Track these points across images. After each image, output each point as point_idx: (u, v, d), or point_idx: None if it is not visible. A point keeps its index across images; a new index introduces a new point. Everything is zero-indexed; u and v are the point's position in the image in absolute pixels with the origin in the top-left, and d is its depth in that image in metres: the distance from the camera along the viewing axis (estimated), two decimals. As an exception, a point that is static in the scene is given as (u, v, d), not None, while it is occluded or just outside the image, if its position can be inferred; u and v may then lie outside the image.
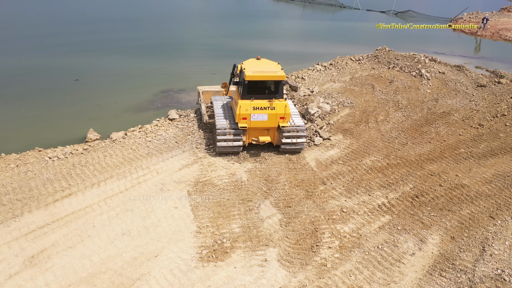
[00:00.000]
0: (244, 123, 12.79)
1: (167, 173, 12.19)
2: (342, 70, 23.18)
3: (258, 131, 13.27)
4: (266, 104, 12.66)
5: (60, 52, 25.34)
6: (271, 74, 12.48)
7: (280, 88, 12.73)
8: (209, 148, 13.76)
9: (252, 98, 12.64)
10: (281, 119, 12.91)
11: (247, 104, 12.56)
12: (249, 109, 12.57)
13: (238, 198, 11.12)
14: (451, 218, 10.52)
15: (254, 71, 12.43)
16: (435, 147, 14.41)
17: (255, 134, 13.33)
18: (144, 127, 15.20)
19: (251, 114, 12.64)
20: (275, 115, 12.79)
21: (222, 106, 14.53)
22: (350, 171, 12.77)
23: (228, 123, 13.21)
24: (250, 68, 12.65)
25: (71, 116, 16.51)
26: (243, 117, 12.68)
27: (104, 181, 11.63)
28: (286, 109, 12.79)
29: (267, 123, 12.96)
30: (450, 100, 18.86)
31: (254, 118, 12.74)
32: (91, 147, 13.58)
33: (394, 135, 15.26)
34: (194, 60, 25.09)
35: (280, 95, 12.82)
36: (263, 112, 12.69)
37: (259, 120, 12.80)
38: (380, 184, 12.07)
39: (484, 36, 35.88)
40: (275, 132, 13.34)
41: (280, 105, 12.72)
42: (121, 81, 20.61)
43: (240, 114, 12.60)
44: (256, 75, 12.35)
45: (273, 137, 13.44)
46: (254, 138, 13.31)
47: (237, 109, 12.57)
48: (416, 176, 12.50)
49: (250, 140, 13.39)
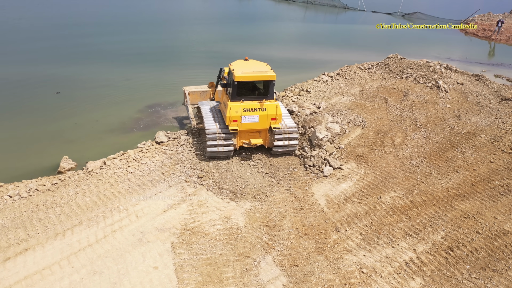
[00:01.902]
0: (234, 125, 12.27)
1: (148, 217, 10.15)
2: (350, 80, 21.11)
3: (249, 134, 12.76)
4: (256, 105, 12.22)
5: (42, 59, 23.23)
6: (261, 74, 12.03)
7: (271, 89, 12.28)
8: (200, 182, 11.72)
9: (242, 99, 12.13)
10: (272, 121, 12.48)
11: (237, 106, 12.06)
12: (240, 111, 12.08)
13: (233, 253, 9.08)
14: (498, 282, 8.47)
15: (244, 71, 11.92)
16: (465, 178, 12.35)
17: (246, 137, 12.79)
18: (126, 154, 13.17)
19: (241, 116, 12.15)
20: (266, 116, 12.34)
21: (211, 109, 13.67)
22: (367, 212, 10.72)
23: (218, 127, 12.61)
24: (239, 68, 12.11)
25: (44, 138, 14.46)
26: (234, 120, 12.15)
27: (71, 230, 9.59)
28: (278, 110, 12.35)
29: (259, 125, 12.49)
30: (473, 117, 16.80)
31: (245, 120, 12.25)
32: (61, 181, 11.54)
33: (415, 163, 13.20)
34: (189, 69, 22.97)
35: (270, 96, 12.36)
36: (254, 113, 12.23)
37: (250, 122, 12.34)
38: (405, 230, 10.02)
39: (499, 40, 33.73)
40: (266, 134, 12.89)
41: (271, 106, 12.29)
42: (106, 94, 18.53)
43: (230, 117, 12.06)
44: (246, 75, 11.84)
45: (264, 139, 12.96)
46: (246, 141, 12.74)
47: (227, 112, 12.03)
48: (447, 219, 10.45)
49: (241, 143, 12.79)
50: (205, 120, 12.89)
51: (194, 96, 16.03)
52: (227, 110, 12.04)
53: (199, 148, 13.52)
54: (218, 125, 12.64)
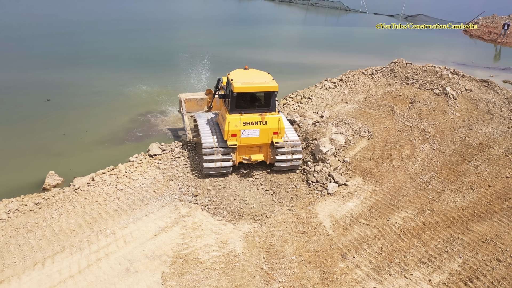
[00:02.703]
0: (233, 140, 11.36)
1: (137, 242, 9.28)
2: (354, 87, 20.26)
3: (249, 149, 11.86)
4: (257, 118, 11.34)
5: (32, 64, 22.38)
6: (262, 85, 11.13)
7: (272, 100, 11.40)
8: (195, 201, 10.86)
9: (241, 112, 11.24)
10: (274, 135, 11.58)
11: (236, 119, 11.16)
12: (239, 125, 11.20)
13: (230, 285, 8.21)
14: (525, 319, 7.62)
15: (243, 82, 11.04)
16: (480, 196, 11.49)
17: (246, 152, 11.89)
18: (116, 168, 12.31)
19: (241, 130, 11.25)
20: (267, 130, 11.45)
21: (208, 121, 12.80)
22: (376, 235, 9.85)
23: (215, 141, 11.70)
24: (238, 79, 11.22)
25: (29, 150, 13.62)
26: (233, 134, 11.25)
27: (52, 258, 8.72)
28: (280, 123, 11.49)
29: (259, 140, 11.58)
30: (484, 126, 15.94)
31: (245, 135, 11.36)
32: (44, 201, 10.67)
33: (426, 178, 12.33)
34: (185, 74, 22.13)
35: (272, 108, 11.49)
36: (255, 127, 11.34)
37: (251, 137, 11.43)
38: (419, 257, 9.15)
39: (505, 43, 32.87)
40: (267, 149, 11.98)
41: (273, 119, 11.42)
42: (97, 102, 17.67)
43: (229, 131, 11.17)
44: (246, 86, 10.95)
45: (266, 154, 12.05)
46: (245, 156, 11.82)
47: (225, 125, 11.14)
48: (464, 243, 9.58)
49: (240, 159, 11.88)
50: (201, 133, 12.04)
51: (190, 104, 15.16)
52: (225, 124, 11.14)
53: (195, 162, 12.67)
54: (215, 139, 11.74)
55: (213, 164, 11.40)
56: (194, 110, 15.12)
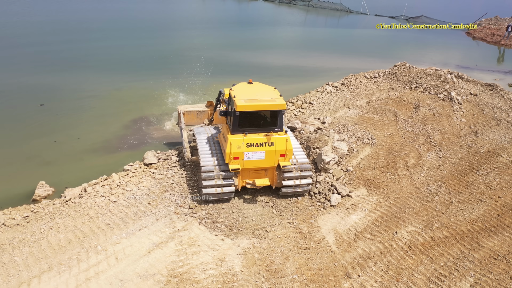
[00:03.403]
0: (236, 164, 10.23)
1: (130, 260, 8.77)
2: (356, 91, 19.76)
3: (253, 172, 10.70)
4: (262, 139, 10.19)
5: (26, 67, 21.86)
6: (268, 103, 9.99)
7: (279, 119, 10.30)
8: (192, 213, 10.35)
9: (245, 132, 10.11)
10: (281, 157, 10.42)
11: (239, 141, 10.03)
12: (242, 147, 10.06)
13: (227, 308, 7.72)
14: None
15: (247, 99, 9.94)
16: (490, 208, 10.97)
17: (250, 176, 10.74)
18: (110, 178, 11.80)
19: (244, 152, 10.12)
20: (274, 152, 10.30)
21: (207, 140, 11.82)
22: (382, 251, 9.34)
23: (216, 163, 10.61)
24: (241, 95, 10.11)
25: (19, 159, 13.10)
26: (235, 157, 10.13)
27: (39, 277, 8.21)
28: (288, 144, 10.33)
29: (265, 163, 10.43)
30: (492, 133, 15.43)
31: (249, 157, 10.21)
32: (33, 214, 10.16)
33: (432, 189, 11.82)
34: (183, 77, 21.64)
35: (279, 127, 10.37)
36: (260, 149, 10.19)
37: (255, 160, 10.29)
38: (427, 276, 8.64)
39: (509, 45, 32.39)
40: (273, 172, 10.79)
41: (280, 140, 10.26)
42: (91, 107, 17.15)
43: (230, 153, 10.04)
44: (250, 104, 9.84)
45: (271, 178, 10.87)
46: (249, 181, 10.69)
47: (227, 147, 10.00)
48: (475, 260, 9.07)
49: (243, 183, 10.78)
50: (200, 154, 11.01)
51: (190, 117, 13.91)
52: (227, 145, 10.02)
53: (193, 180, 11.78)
54: (216, 161, 10.66)
55: (213, 190, 10.35)
56: (194, 123, 14.00)
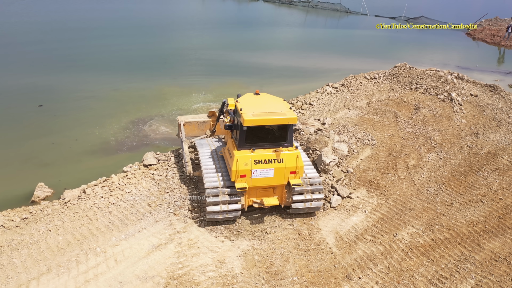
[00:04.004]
0: (242, 182, 9.44)
1: (129, 262, 8.72)
2: (356, 92, 19.73)
3: (260, 190, 9.93)
4: (271, 155, 9.44)
5: (25, 68, 21.85)
6: (277, 117, 9.25)
7: (289, 133, 9.60)
8: (192, 215, 10.30)
9: (252, 148, 9.44)
10: (291, 174, 9.67)
11: (246, 157, 9.30)
12: (249, 164, 9.31)
13: (227, 310, 7.67)
14: None
15: (255, 113, 9.20)
16: (491, 209, 10.93)
17: (257, 194, 9.97)
18: (109, 180, 11.75)
19: (251, 170, 9.35)
20: (283, 169, 9.55)
21: (211, 154, 11.09)
22: (383, 253, 9.30)
23: (220, 180, 9.85)
24: (248, 108, 9.38)
25: (17, 160, 13.06)
26: (242, 175, 9.35)
27: (37, 279, 8.16)
28: (299, 161, 9.60)
29: (274, 181, 9.66)
30: (492, 134, 15.39)
31: (256, 175, 9.42)
32: (32, 216, 10.11)
33: (433, 190, 11.79)
34: (182, 78, 21.62)
35: (289, 143, 9.66)
36: (268, 166, 9.42)
37: (263, 177, 9.52)
38: (428, 278, 8.60)
39: (509, 46, 32.39)
40: (282, 189, 10.02)
41: (290, 156, 9.55)
42: (89, 108, 17.12)
43: (237, 171, 9.27)
44: (258, 119, 9.10)
45: (280, 196, 10.10)
46: (256, 200, 9.96)
47: (233, 164, 9.25)
48: (476, 262, 9.03)
49: (250, 202, 10.02)
50: (203, 170, 10.26)
51: (190, 128, 13.12)
52: (233, 162, 9.27)
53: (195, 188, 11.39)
54: (221, 178, 9.91)
55: (218, 208, 9.54)
56: (195, 134, 13.31)
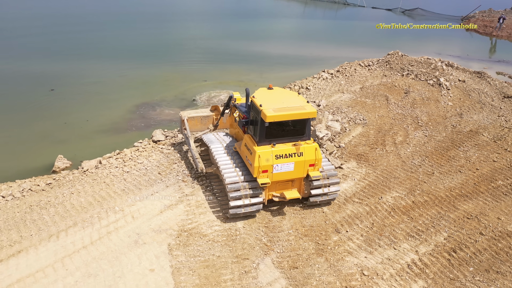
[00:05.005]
0: (264, 178, 9.62)
1: (145, 218, 9.92)
2: (350, 78, 20.85)
3: (279, 184, 10.19)
4: (291, 149, 9.67)
5: (38, 55, 22.98)
6: (298, 111, 9.44)
7: (308, 127, 9.91)
8: (199, 181, 11.48)
9: (272, 143, 9.63)
10: (310, 167, 9.97)
11: (267, 153, 9.47)
12: (271, 159, 9.49)
13: (231, 255, 8.87)
14: (502, 284, 8.28)
15: (276, 108, 9.32)
16: (467, 178, 12.14)
17: (276, 188, 10.21)
18: (122, 153, 12.93)
19: (273, 165, 9.53)
20: (303, 162, 9.79)
21: (225, 150, 11.08)
22: (368, 212, 10.51)
23: (240, 175, 9.96)
24: (268, 104, 9.45)
25: (34, 138, 14.20)
26: (264, 170, 9.55)
27: (65, 231, 9.37)
28: (317, 153, 9.89)
29: (294, 174, 9.92)
30: (476, 115, 16.56)
31: (277, 170, 9.64)
32: (55, 181, 11.30)
33: (417, 162, 12.98)
34: (184, 65, 22.73)
35: (307, 136, 9.98)
36: (289, 160, 9.64)
37: (284, 172, 9.76)
38: (407, 232, 9.82)
39: (500, 36, 33.44)
40: (301, 182, 10.35)
41: (309, 149, 9.82)
42: (97, 92, 18.29)
43: (259, 167, 9.44)
44: (280, 114, 9.24)
45: (298, 188, 10.41)
46: (276, 193, 10.21)
47: (255, 160, 9.38)
48: (450, 220, 10.25)
49: (270, 196, 10.26)
50: (221, 167, 10.24)
51: (193, 123, 12.98)
52: (255, 159, 9.36)
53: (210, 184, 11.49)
54: (240, 173, 9.96)
55: (241, 208, 9.69)
56: (198, 129, 13.16)
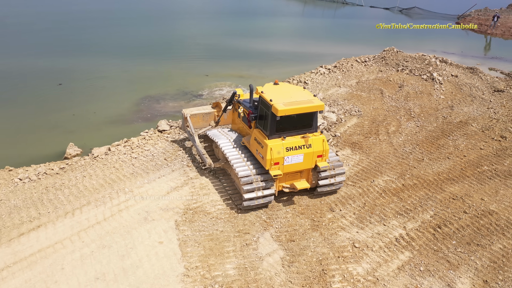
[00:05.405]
0: (276, 170, 10.08)
1: (153, 198, 10.68)
2: (347, 73, 21.61)
3: (289, 175, 10.68)
4: (300, 141, 10.16)
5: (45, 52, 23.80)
6: (307, 105, 9.93)
7: (315, 120, 10.43)
8: (202, 166, 12.24)
9: (282, 136, 10.10)
10: (318, 158, 10.48)
11: (278, 145, 9.93)
12: (282, 151, 9.96)
13: (233, 230, 9.63)
14: (481, 255, 9.04)
15: (286, 102, 9.80)
16: (455, 164, 12.90)
17: (286, 179, 10.70)
18: (130, 141, 13.68)
19: (284, 157, 10.02)
20: (312, 154, 10.30)
21: (233, 144, 11.40)
22: (361, 194, 11.27)
23: (251, 168, 10.39)
24: (278, 99, 9.92)
25: (45, 128, 15.02)
26: (275, 163, 10.02)
27: (80, 209, 10.13)
28: (325, 144, 10.41)
29: (303, 165, 10.42)
30: (466, 107, 17.33)
31: (288, 162, 10.12)
32: (68, 166, 12.07)
33: (408, 150, 13.74)
34: (186, 61, 23.53)
35: (314, 128, 10.49)
36: (298, 152, 10.13)
37: (294, 163, 10.24)
38: (396, 210, 10.58)
39: (494, 34, 34.19)
40: (309, 173, 10.85)
41: (317, 140, 10.32)
42: (103, 86, 19.17)
43: (271, 160, 9.88)
44: (291, 108, 9.70)
45: (307, 179, 10.91)
46: (286, 184, 10.69)
47: (267, 153, 9.81)
48: (437, 200, 11.01)
49: (280, 187, 10.72)
50: (232, 162, 10.59)
51: (195, 120, 13.25)
52: (267, 151, 9.78)
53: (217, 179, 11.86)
54: (251, 167, 10.37)
55: (254, 199, 10.10)
56: (200, 126, 13.41)
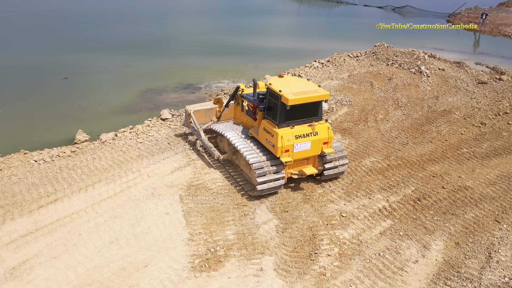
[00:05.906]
0: (287, 156, 10.70)
1: (158, 177, 11.65)
2: (340, 67, 22.66)
3: (297, 162, 11.27)
4: (308, 129, 10.80)
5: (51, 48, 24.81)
6: (314, 94, 10.63)
7: (320, 109, 11.15)
8: (203, 150, 13.22)
9: (291, 125, 10.75)
10: (324, 145, 11.15)
11: (288, 134, 10.53)
12: (292, 139, 10.57)
13: (232, 203, 10.62)
14: (455, 222, 10.08)
15: (295, 92, 10.42)
16: (437, 147, 13.95)
17: (294, 166, 11.32)
18: (135, 128, 14.64)
19: (294, 144, 10.64)
20: (318, 141, 10.96)
21: (240, 136, 11.92)
22: (349, 173, 12.29)
23: (261, 155, 10.98)
24: (287, 89, 10.55)
25: (53, 117, 16.01)
26: (286, 150, 10.62)
27: (92, 186, 11.09)
28: (330, 132, 11.07)
29: (310, 152, 11.07)
30: (450, 97, 18.41)
31: (297, 149, 10.76)
32: (79, 150, 13.01)
33: (394, 135, 14.78)
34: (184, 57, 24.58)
35: (319, 117, 11.19)
36: (306, 139, 10.79)
37: (302, 150, 10.90)
38: (381, 186, 11.60)
39: (483, 31, 35.40)
40: (315, 159, 11.48)
41: (322, 128, 10.97)
42: (106, 80, 20.19)
43: (282, 147, 10.48)
44: (300, 97, 10.31)
45: (313, 165, 11.56)
46: (295, 171, 11.30)
47: (278, 141, 10.41)
48: (418, 178, 12.05)
49: (289, 174, 11.31)
50: (242, 150, 11.15)
51: (198, 116, 13.70)
52: (278, 139, 10.37)
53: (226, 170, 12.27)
54: (261, 154, 10.98)
55: (266, 185, 10.65)
56: (202, 121, 13.86)
